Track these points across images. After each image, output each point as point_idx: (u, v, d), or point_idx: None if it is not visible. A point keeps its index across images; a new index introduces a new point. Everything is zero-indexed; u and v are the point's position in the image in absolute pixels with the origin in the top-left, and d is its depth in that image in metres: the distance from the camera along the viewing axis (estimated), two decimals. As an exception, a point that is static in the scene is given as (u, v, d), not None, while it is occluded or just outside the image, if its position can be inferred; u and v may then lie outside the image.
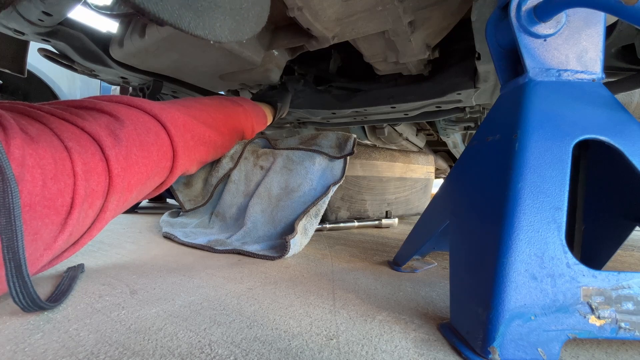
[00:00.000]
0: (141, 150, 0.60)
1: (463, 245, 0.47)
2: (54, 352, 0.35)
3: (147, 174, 0.62)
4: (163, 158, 0.66)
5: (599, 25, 0.48)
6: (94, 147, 0.52)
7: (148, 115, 0.65)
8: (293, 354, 0.37)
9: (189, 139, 0.75)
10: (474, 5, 0.68)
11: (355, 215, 1.35)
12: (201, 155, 0.83)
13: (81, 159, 0.48)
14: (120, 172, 0.55)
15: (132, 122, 0.60)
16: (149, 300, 0.50)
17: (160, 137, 0.66)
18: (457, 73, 0.98)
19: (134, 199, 0.64)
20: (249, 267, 0.71)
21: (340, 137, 1.00)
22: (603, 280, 0.38)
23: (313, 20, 0.74)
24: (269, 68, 1.01)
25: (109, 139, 0.54)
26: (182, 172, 0.76)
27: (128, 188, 0.58)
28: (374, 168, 1.39)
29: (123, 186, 0.56)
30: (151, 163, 0.62)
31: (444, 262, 0.80)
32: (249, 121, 1.03)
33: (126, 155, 0.56)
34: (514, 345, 0.36)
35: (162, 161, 0.66)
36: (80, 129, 0.52)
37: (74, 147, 0.48)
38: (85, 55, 0.99)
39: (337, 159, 0.96)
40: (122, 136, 0.56)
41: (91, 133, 0.52)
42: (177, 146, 0.69)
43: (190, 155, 0.76)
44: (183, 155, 0.72)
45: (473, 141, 0.56)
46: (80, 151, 0.49)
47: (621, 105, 0.46)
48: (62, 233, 0.48)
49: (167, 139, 0.67)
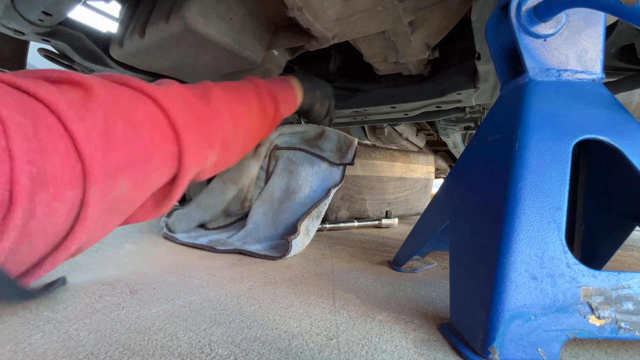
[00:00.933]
0: (129, 127, 0.46)
1: (463, 245, 0.47)
2: (54, 352, 0.35)
3: (141, 158, 0.48)
4: (163, 140, 0.51)
5: (599, 25, 0.48)
6: (51, 119, 0.38)
7: (132, 90, 0.51)
8: (293, 354, 0.37)
9: (193, 115, 0.57)
10: (474, 5, 0.68)
11: (355, 215, 1.35)
12: (224, 131, 0.63)
13: (23, 135, 0.34)
14: (96, 153, 0.41)
15: (110, 93, 0.46)
16: (149, 300, 0.50)
17: (154, 113, 0.51)
18: (457, 73, 0.98)
19: (133, 193, 0.49)
20: (249, 267, 0.71)
21: (342, 140, 1.00)
22: (603, 280, 0.38)
23: (313, 20, 0.74)
24: (269, 68, 1.01)
25: (72, 110, 0.40)
26: (199, 158, 0.58)
27: (114, 174, 0.44)
28: (374, 168, 1.39)
29: (105, 172, 0.42)
30: (145, 145, 0.48)
31: (444, 262, 0.80)
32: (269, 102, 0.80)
33: (104, 132, 0.42)
34: (514, 345, 0.36)
35: (161, 144, 0.51)
36: (32, 97, 0.38)
37: (11, 116, 0.34)
38: (85, 55, 0.99)
39: (337, 166, 0.97)
40: (94, 108, 0.43)
41: (46, 101, 0.38)
42: (177, 123, 0.53)
43: (202, 134, 0.58)
44: (190, 135, 0.55)
45: (473, 141, 0.56)
46: (24, 123, 0.35)
47: (621, 105, 0.46)
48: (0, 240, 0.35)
49: (163, 114, 0.52)
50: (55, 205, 0.39)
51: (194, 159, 0.56)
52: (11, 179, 0.33)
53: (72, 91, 0.43)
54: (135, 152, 0.46)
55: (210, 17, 0.75)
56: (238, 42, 0.84)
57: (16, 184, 0.34)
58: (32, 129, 0.35)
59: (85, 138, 0.40)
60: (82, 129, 0.40)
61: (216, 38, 0.78)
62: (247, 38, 0.85)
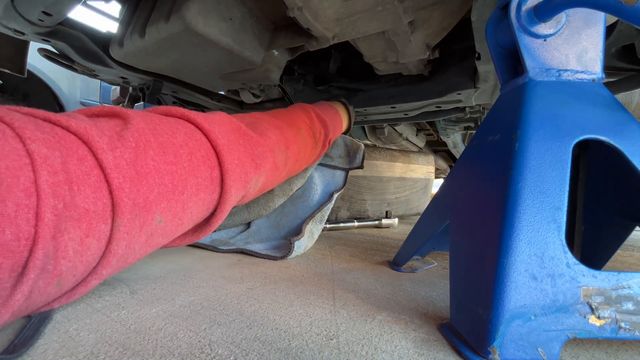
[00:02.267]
0: (162, 154, 0.43)
1: (463, 245, 0.47)
2: (54, 352, 0.35)
3: (177, 187, 0.44)
4: (202, 163, 0.47)
5: (599, 25, 0.48)
6: (83, 150, 0.36)
7: (174, 117, 0.50)
8: (293, 354, 0.37)
9: (238, 137, 0.54)
10: (474, 5, 0.68)
11: (356, 215, 1.35)
12: (274, 155, 0.59)
13: (50, 168, 0.32)
14: (124, 183, 0.37)
15: (144, 119, 0.44)
16: (149, 300, 0.50)
17: (194, 136, 0.48)
18: (457, 73, 0.98)
19: (170, 225, 0.45)
20: (249, 267, 0.71)
21: (349, 145, 1.00)
22: (603, 280, 0.38)
23: (313, 20, 0.74)
24: (269, 68, 1.01)
25: (103, 139, 0.37)
26: (242, 181, 0.53)
27: (145, 206, 0.40)
28: (374, 168, 1.40)
29: (135, 203, 0.39)
30: (182, 171, 0.44)
31: (444, 262, 0.80)
32: (319, 127, 0.78)
33: (134, 160, 0.39)
34: (514, 345, 0.36)
35: (201, 168, 0.47)
36: (64, 129, 0.36)
37: (38, 150, 0.32)
38: (85, 55, 0.99)
39: (342, 170, 0.97)
40: (127, 136, 0.40)
41: (78, 132, 0.36)
42: (218, 144, 0.49)
43: (248, 155, 0.54)
44: (233, 157, 0.51)
45: (473, 141, 0.56)
46: (52, 156, 0.32)
47: (621, 105, 0.46)
48: (20, 284, 0.31)
49: (204, 137, 0.49)
50: (88, 242, 0.36)
51: (236, 182, 0.52)
52: (36, 214, 0.31)
53: (108, 121, 0.41)
54: (166, 181, 0.43)
55: (210, 17, 0.75)
56: (238, 42, 0.84)
57: (40, 219, 0.31)
58: (60, 162, 0.33)
59: (114, 166, 0.37)
60: (112, 158, 0.37)
61: (216, 38, 0.78)
62: (247, 38, 0.85)
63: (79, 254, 0.35)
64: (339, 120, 0.89)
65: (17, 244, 0.30)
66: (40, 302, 0.36)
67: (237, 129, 0.55)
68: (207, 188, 0.48)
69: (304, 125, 0.73)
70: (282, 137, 0.64)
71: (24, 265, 0.31)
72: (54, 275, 0.34)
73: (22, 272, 0.31)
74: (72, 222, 0.33)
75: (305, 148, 0.72)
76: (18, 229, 0.29)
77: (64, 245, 0.33)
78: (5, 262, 0.29)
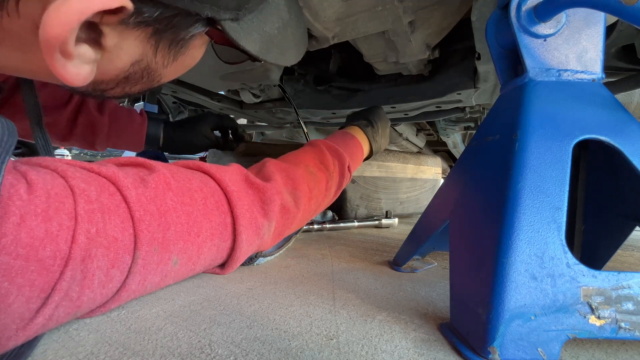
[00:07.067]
0: (180, 195, 0.46)
1: (463, 245, 0.47)
2: (54, 352, 0.35)
3: (193, 228, 0.46)
4: (216, 209, 0.50)
5: (599, 25, 0.48)
6: (112, 188, 0.39)
7: (191, 167, 0.54)
8: (293, 354, 0.37)
9: (247, 186, 0.57)
10: (474, 5, 0.68)
11: (372, 212, 1.43)
12: (280, 197, 0.61)
13: (87, 197, 0.35)
14: (145, 216, 0.40)
15: (166, 167, 0.48)
16: (149, 300, 0.50)
17: (208, 183, 0.51)
18: (457, 73, 0.98)
19: (184, 269, 0.48)
20: (249, 267, 0.71)
21: None
22: (603, 280, 0.38)
23: (313, 20, 0.74)
24: (268, 68, 1.01)
25: (128, 180, 0.41)
26: (254, 227, 0.55)
27: (164, 242, 0.42)
28: (389, 169, 1.48)
29: (154, 237, 0.41)
30: (198, 214, 0.47)
31: (444, 262, 0.80)
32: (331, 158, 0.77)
33: (154, 198, 0.42)
34: (514, 345, 0.36)
35: (214, 213, 0.50)
36: (96, 174, 0.40)
37: (77, 184, 0.35)
38: (85, 55, 0.99)
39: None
40: (149, 180, 0.43)
41: (107, 176, 0.40)
42: (229, 191, 0.52)
43: (256, 202, 0.57)
44: (242, 202, 0.53)
45: (473, 141, 0.56)
46: (88, 190, 0.36)
47: (621, 105, 0.46)
48: (44, 306, 0.31)
49: (215, 184, 0.52)
50: (113, 273, 0.37)
51: (247, 228, 0.54)
52: (72, 236, 0.33)
53: (134, 169, 0.45)
54: (184, 221, 0.45)
55: (210, 17, 0.75)
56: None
57: (74, 241, 0.33)
58: (95, 194, 0.36)
59: (136, 201, 0.40)
60: (135, 194, 0.40)
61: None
62: (247, 38, 0.85)
63: (102, 285, 0.37)
64: (356, 146, 0.88)
65: (53, 262, 0.31)
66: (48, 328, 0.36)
67: (245, 178, 0.58)
68: (220, 234, 0.51)
69: (311, 162, 0.73)
70: (288, 179, 0.65)
71: (53, 287, 0.32)
72: (75, 305, 0.35)
73: (49, 295, 0.32)
74: (101, 249, 0.35)
75: (318, 184, 0.72)
76: (57, 247, 0.31)
77: (91, 273, 0.35)
78: (38, 280, 0.30)
